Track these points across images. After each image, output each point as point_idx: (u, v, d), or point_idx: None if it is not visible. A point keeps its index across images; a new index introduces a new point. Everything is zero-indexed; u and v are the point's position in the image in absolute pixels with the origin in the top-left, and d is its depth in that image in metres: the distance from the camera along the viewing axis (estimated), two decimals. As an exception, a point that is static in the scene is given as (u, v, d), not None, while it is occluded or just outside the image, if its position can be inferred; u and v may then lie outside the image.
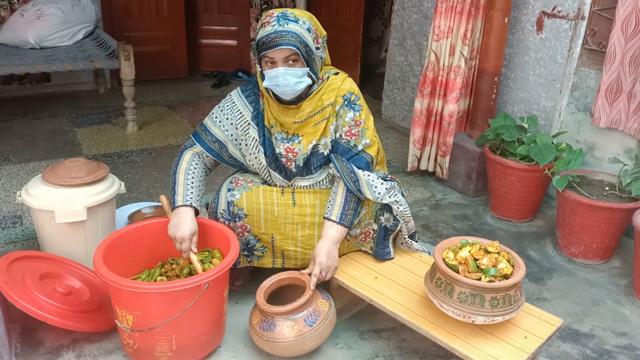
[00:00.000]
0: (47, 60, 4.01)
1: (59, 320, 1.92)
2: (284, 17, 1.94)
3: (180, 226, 1.97)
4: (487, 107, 3.32)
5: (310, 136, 2.10)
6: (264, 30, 1.94)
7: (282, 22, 1.93)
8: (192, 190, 2.06)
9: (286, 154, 2.13)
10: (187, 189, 2.05)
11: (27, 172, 3.46)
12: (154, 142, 4.12)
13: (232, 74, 6.04)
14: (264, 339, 1.93)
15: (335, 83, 2.10)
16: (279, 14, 1.96)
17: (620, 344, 2.21)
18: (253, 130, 2.14)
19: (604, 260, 2.75)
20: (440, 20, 3.29)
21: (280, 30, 1.91)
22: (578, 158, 2.78)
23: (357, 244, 2.25)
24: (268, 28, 1.93)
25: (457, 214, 3.23)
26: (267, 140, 2.14)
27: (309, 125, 2.10)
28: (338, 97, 2.09)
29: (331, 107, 2.08)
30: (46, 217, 2.23)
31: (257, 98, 2.16)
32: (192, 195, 2.04)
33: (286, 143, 2.12)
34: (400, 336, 2.18)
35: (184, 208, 2.01)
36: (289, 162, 2.14)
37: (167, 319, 1.78)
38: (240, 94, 2.18)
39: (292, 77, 1.97)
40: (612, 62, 2.80)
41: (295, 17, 1.96)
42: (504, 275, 1.74)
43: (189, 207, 2.02)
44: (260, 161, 2.15)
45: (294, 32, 1.93)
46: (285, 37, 1.91)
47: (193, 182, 2.08)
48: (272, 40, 1.92)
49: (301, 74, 1.98)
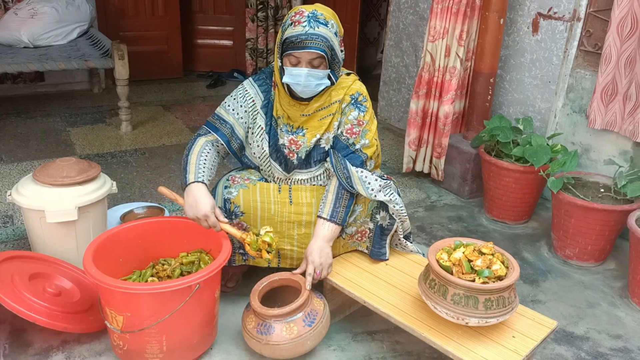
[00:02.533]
0: (41, 59, 3.97)
1: (48, 320, 1.89)
2: (315, 19, 1.93)
3: (198, 204, 1.94)
4: (483, 108, 3.31)
5: (315, 130, 2.12)
6: (294, 30, 1.93)
7: (314, 24, 1.92)
8: (204, 170, 2.04)
9: (289, 145, 2.13)
10: (199, 167, 2.03)
11: (19, 171, 3.42)
12: (147, 142, 4.09)
13: (227, 75, 6.02)
14: (262, 343, 1.90)
15: (345, 82, 2.13)
16: (310, 14, 1.94)
17: (615, 347, 2.20)
18: (261, 118, 2.15)
19: (598, 262, 2.74)
20: (436, 21, 3.28)
21: (311, 33, 1.91)
22: (573, 160, 2.77)
23: (353, 244, 2.24)
24: (298, 28, 1.92)
25: (452, 216, 3.21)
26: (272, 130, 2.15)
27: (314, 120, 2.11)
28: (346, 95, 2.11)
29: (338, 104, 2.11)
30: (37, 216, 2.21)
31: (269, 88, 2.16)
32: (204, 173, 2.02)
33: (290, 135, 2.13)
34: (394, 338, 2.16)
35: (196, 185, 1.98)
36: (291, 154, 2.14)
37: (157, 320, 1.75)
38: (253, 83, 2.19)
39: (314, 79, 1.98)
40: (607, 63, 2.80)
41: (325, 19, 1.95)
42: (498, 276, 1.73)
43: (201, 183, 1.99)
44: (263, 149, 2.15)
45: (324, 37, 1.93)
46: (315, 41, 1.91)
47: (205, 163, 2.06)
48: (302, 41, 1.91)
49: (322, 75, 1.99)
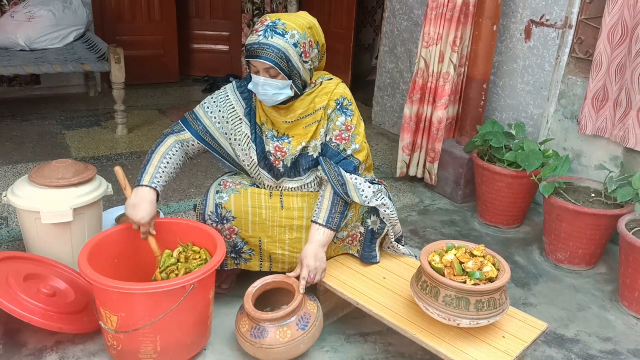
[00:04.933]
0: (37, 62, 3.99)
1: (42, 321, 1.90)
2: (273, 29, 1.93)
3: (139, 209, 1.96)
4: (476, 113, 3.34)
5: (301, 137, 2.11)
6: (251, 38, 1.95)
7: (268, 34, 1.92)
8: (162, 175, 2.05)
9: (275, 152, 2.13)
10: (157, 171, 2.04)
11: (14, 173, 3.43)
12: (143, 146, 4.10)
13: (223, 79, 6.02)
14: (256, 346, 1.91)
15: (328, 87, 2.11)
16: (270, 23, 1.94)
17: (605, 349, 2.23)
18: (245, 126, 2.15)
19: (589, 266, 2.77)
20: (430, 27, 3.32)
21: (263, 43, 1.91)
22: (564, 164, 2.81)
23: (344, 247, 2.26)
24: (254, 37, 1.94)
25: (445, 220, 3.24)
26: (258, 138, 2.14)
27: (299, 127, 2.11)
28: (330, 100, 2.09)
29: (323, 110, 2.09)
30: (32, 217, 2.22)
31: (251, 95, 2.16)
32: (159, 179, 2.03)
33: (276, 141, 2.13)
34: (387, 340, 2.18)
35: (147, 189, 2.00)
36: (277, 161, 2.14)
37: (151, 320, 1.76)
38: (235, 89, 2.19)
39: (270, 88, 1.98)
40: (598, 70, 2.84)
41: (285, 29, 1.93)
42: (489, 278, 1.75)
43: (152, 189, 2.00)
44: (251, 158, 2.15)
45: (276, 47, 1.91)
46: (265, 51, 1.92)
47: (166, 167, 2.07)
48: (254, 50, 1.93)
49: (281, 86, 1.98)
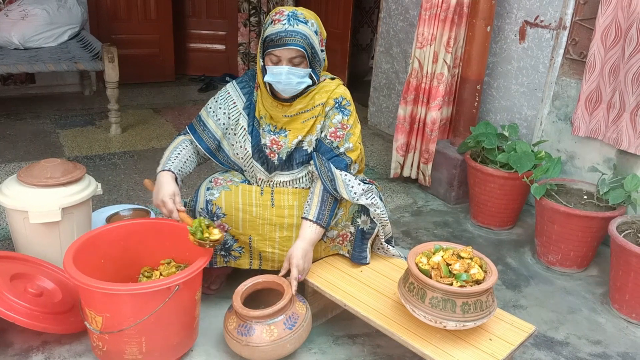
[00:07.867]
0: (31, 61, 3.98)
1: (28, 321, 1.89)
2: (295, 17, 1.97)
3: (159, 190, 2.00)
4: (470, 115, 3.33)
5: (297, 132, 2.14)
6: (274, 28, 1.96)
7: (293, 22, 1.96)
8: (175, 161, 2.10)
9: (271, 145, 2.16)
10: (170, 158, 2.10)
11: (6, 172, 3.42)
12: (136, 145, 4.09)
13: (219, 79, 6.02)
14: (242, 344, 1.91)
15: (329, 86, 2.15)
16: (290, 13, 1.98)
17: (595, 352, 2.22)
18: (243, 119, 2.19)
19: (581, 268, 2.76)
20: (424, 28, 3.30)
21: (290, 30, 1.94)
22: (556, 166, 2.80)
23: (334, 247, 2.25)
24: (278, 26, 1.96)
25: (438, 221, 3.23)
26: (254, 130, 2.18)
27: (297, 122, 2.14)
28: (330, 98, 2.13)
29: (321, 107, 2.13)
30: (20, 217, 2.21)
31: (252, 90, 2.21)
32: (173, 162, 2.08)
33: (272, 135, 2.16)
34: (375, 342, 2.17)
35: (163, 173, 2.05)
36: (272, 154, 2.16)
37: (136, 321, 1.75)
38: (236, 85, 2.24)
39: (295, 77, 2.00)
40: (592, 71, 2.82)
41: (305, 18, 1.99)
42: (476, 280, 1.74)
43: (167, 171, 2.04)
44: (246, 150, 2.18)
45: (303, 34, 1.96)
46: (294, 38, 1.94)
47: (178, 155, 2.14)
48: (282, 39, 1.95)
49: (303, 74, 2.02)
